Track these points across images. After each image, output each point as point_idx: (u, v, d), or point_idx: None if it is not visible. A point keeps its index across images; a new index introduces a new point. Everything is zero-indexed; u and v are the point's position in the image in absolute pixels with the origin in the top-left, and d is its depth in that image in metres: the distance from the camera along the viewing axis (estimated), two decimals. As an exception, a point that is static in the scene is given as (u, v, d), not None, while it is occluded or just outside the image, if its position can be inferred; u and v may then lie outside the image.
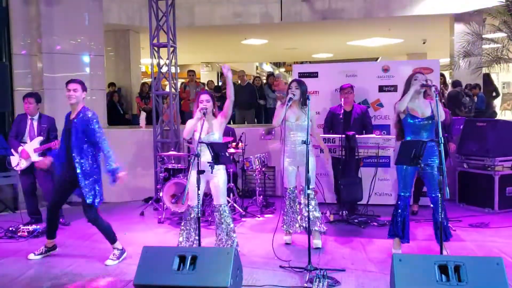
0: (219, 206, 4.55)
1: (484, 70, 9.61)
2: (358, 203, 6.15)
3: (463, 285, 3.23)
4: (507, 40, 8.65)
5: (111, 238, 4.74)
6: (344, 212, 6.02)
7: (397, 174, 4.68)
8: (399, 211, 4.62)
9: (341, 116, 6.06)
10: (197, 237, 4.36)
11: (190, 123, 4.57)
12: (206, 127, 4.56)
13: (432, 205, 4.56)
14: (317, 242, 4.91)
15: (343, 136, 5.70)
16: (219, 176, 4.51)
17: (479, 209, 6.46)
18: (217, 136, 4.54)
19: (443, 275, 3.31)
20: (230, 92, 4.60)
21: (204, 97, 4.58)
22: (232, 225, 4.58)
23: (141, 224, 6.32)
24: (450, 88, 10.93)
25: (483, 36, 9.27)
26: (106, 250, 4.77)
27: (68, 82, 4.61)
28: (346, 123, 6.05)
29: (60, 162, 4.75)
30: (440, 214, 3.98)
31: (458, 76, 10.69)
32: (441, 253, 3.92)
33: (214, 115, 4.63)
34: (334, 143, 5.77)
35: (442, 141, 3.85)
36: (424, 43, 14.37)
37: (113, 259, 4.63)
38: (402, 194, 4.63)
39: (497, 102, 14.33)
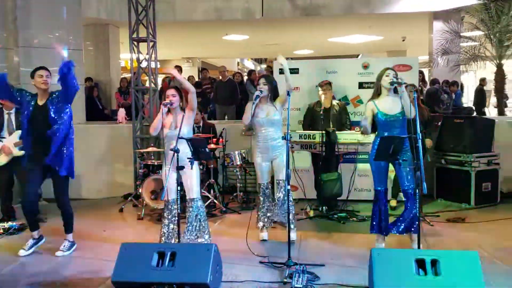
0: (191, 201, 4.52)
1: (462, 68, 9.78)
2: (338, 198, 6.20)
3: (440, 279, 3.29)
4: (484, 38, 8.81)
5: (72, 226, 4.83)
6: (324, 207, 6.06)
7: (371, 169, 4.69)
8: (378, 205, 4.67)
9: (320, 113, 6.09)
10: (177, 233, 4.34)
11: (156, 119, 4.54)
12: (174, 122, 4.51)
13: (405, 198, 4.60)
14: (292, 235, 4.91)
15: (323, 132, 5.73)
16: (190, 171, 4.41)
17: (456, 204, 6.57)
18: (185, 130, 4.44)
19: (420, 269, 3.37)
20: (187, 86, 4.51)
21: (170, 91, 4.53)
22: (203, 217, 4.53)
23: (120, 221, 6.26)
24: (428, 86, 11.09)
25: (461, 34, 9.43)
26: (83, 247, 4.72)
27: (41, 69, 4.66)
28: (325, 119, 6.08)
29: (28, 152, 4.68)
30: (417, 208, 4.02)
31: (436, 73, 10.85)
32: (419, 247, 3.98)
33: (183, 109, 4.56)
34: (314, 139, 5.80)
35: (420, 137, 3.89)
36: (403, 40, 14.54)
37: (63, 250, 4.70)
38: (379, 188, 4.67)
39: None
